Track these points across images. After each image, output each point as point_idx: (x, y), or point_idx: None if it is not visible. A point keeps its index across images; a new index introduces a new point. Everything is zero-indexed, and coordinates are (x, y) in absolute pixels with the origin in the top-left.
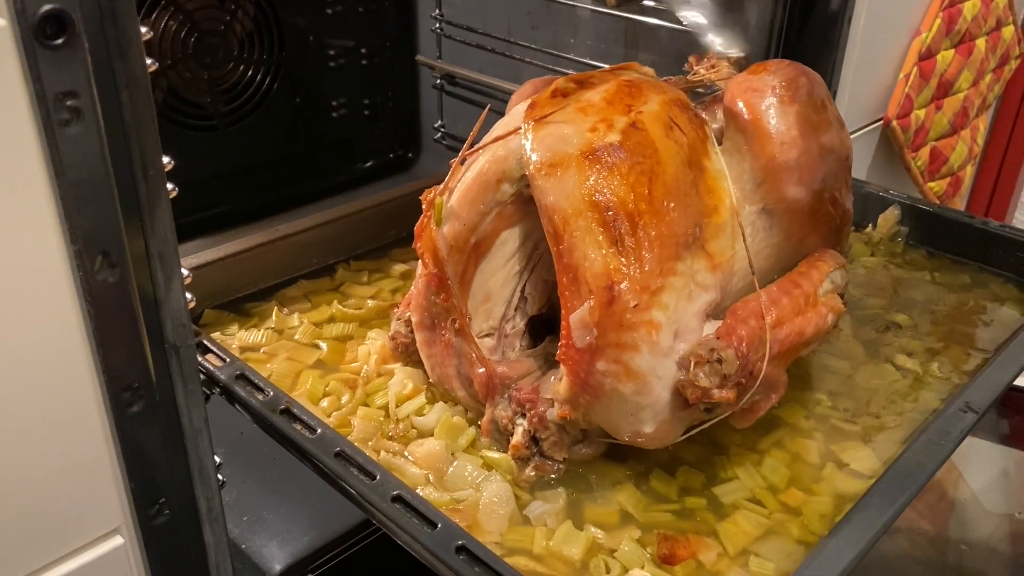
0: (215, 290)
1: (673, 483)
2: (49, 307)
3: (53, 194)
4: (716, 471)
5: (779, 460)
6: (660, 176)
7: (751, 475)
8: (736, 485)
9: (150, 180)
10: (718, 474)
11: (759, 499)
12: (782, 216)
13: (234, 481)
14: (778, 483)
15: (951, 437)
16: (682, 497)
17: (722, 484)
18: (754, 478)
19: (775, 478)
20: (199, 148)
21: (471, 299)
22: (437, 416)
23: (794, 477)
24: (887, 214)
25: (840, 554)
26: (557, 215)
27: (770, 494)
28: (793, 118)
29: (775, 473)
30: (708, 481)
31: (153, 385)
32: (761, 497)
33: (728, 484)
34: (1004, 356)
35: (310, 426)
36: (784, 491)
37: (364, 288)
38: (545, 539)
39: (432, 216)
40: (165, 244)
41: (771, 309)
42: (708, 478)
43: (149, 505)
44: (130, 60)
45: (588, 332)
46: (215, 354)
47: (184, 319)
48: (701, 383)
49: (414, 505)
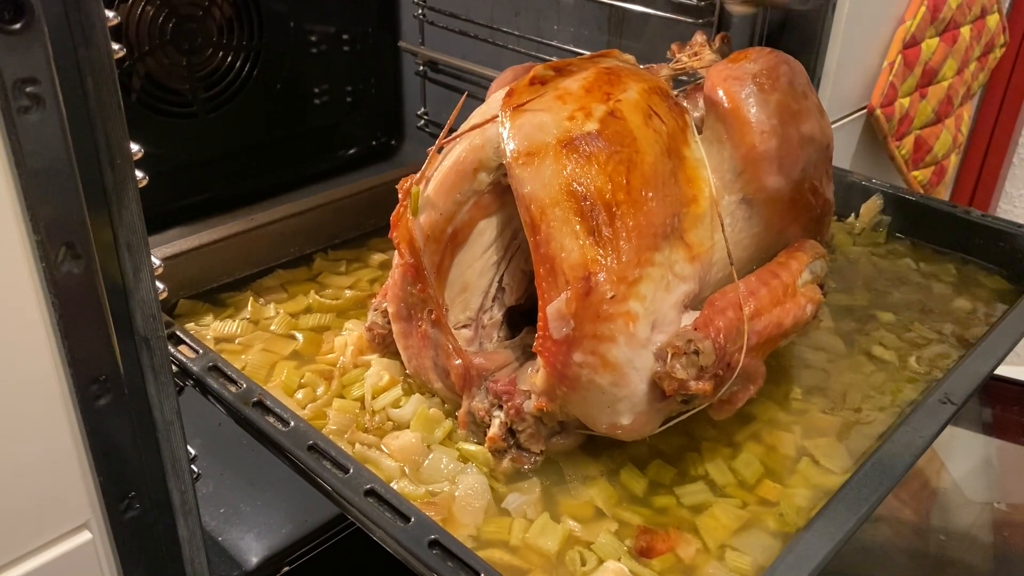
0: (190, 280)
1: (643, 479)
2: (11, 299)
3: (14, 183)
4: (687, 467)
5: (754, 453)
6: (639, 166)
7: (722, 471)
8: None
9: (117, 168)
10: (688, 470)
11: (729, 495)
12: (762, 206)
13: (211, 473)
14: (749, 478)
15: (929, 429)
16: (650, 495)
17: (690, 482)
18: (725, 474)
19: (747, 473)
20: (178, 135)
21: (448, 289)
22: (413, 408)
23: (769, 470)
24: (870, 204)
25: (817, 546)
26: (534, 205)
27: (742, 490)
28: (773, 107)
29: (748, 468)
30: (678, 478)
31: (121, 377)
32: (732, 493)
33: (695, 484)
34: (983, 347)
35: (283, 418)
36: (756, 486)
37: (342, 278)
38: (521, 531)
39: (408, 205)
40: (133, 233)
41: (749, 300)
42: (679, 474)
43: (119, 499)
44: (94, 46)
45: (565, 323)
46: (188, 345)
47: (154, 310)
48: (678, 375)
49: (387, 499)
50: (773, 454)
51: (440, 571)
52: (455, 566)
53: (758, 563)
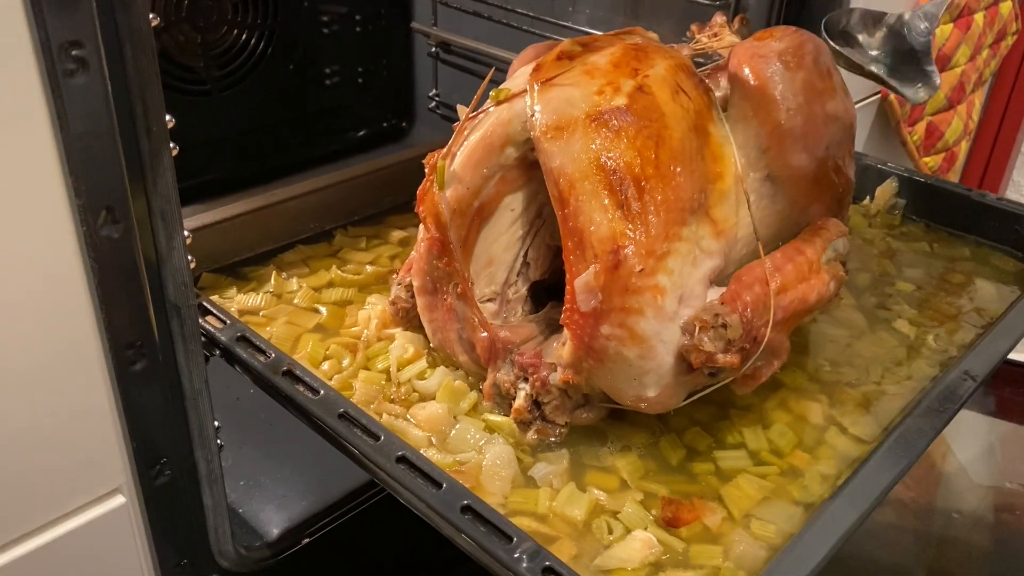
0: (213, 254)
1: (680, 447)
2: (53, 263)
3: (58, 147)
4: (723, 435)
5: (784, 423)
6: (667, 141)
7: (757, 437)
8: (738, 452)
9: (153, 137)
10: (724, 438)
11: (764, 461)
12: (786, 183)
13: (230, 446)
14: (783, 447)
15: (951, 404)
16: (688, 462)
17: (728, 449)
18: (760, 440)
19: (781, 442)
20: (191, 113)
21: (473, 263)
22: (439, 380)
23: (798, 439)
24: (885, 186)
25: (842, 516)
26: (563, 179)
27: (775, 456)
28: (799, 85)
29: (782, 437)
30: (715, 444)
31: (156, 344)
32: (766, 459)
33: (733, 450)
34: (1002, 326)
35: (313, 387)
36: (789, 454)
37: (362, 254)
38: (548, 500)
39: (434, 179)
40: (168, 203)
41: (775, 275)
42: (715, 441)
43: (150, 466)
44: (133, 13)
45: (593, 296)
46: (215, 316)
47: (186, 278)
48: (706, 348)
49: (419, 466)
50: (801, 423)
51: (473, 535)
52: (487, 531)
53: (783, 531)
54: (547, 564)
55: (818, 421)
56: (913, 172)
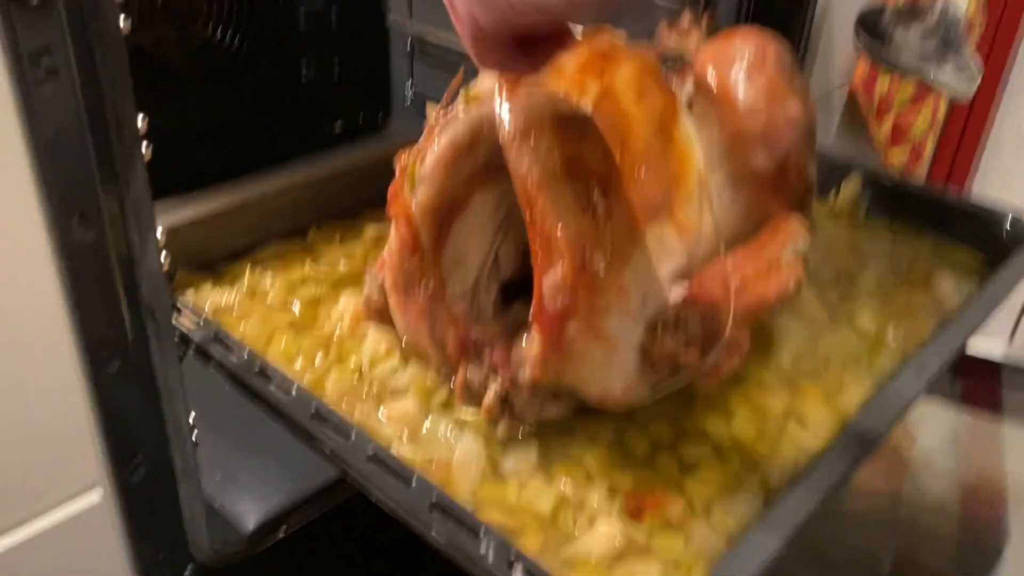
0: (188, 251)
1: (645, 440)
2: (26, 267)
3: (28, 154)
4: (687, 427)
5: (745, 416)
6: (631, 143)
7: (720, 430)
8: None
9: (125, 140)
10: (688, 431)
11: (727, 453)
12: (748, 185)
13: (207, 441)
14: (745, 439)
15: (905, 399)
16: (653, 453)
17: (692, 441)
18: (722, 433)
19: (743, 434)
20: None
21: (444, 263)
22: (411, 377)
23: (759, 432)
24: (849, 183)
25: (798, 507)
26: (529, 181)
27: (737, 448)
28: (761, 87)
29: (743, 429)
30: (680, 436)
31: (129, 345)
32: (728, 452)
33: (696, 441)
34: (957, 322)
35: (285, 387)
36: (750, 446)
37: (336, 250)
38: (516, 494)
39: (406, 180)
40: (140, 204)
41: (735, 274)
42: (680, 433)
43: (125, 462)
44: (103, 19)
45: (560, 295)
46: (189, 315)
47: (159, 280)
48: (667, 346)
49: (388, 464)
50: (761, 415)
51: (441, 531)
52: (454, 526)
53: (743, 522)
54: (513, 557)
55: (778, 414)
56: (877, 169)
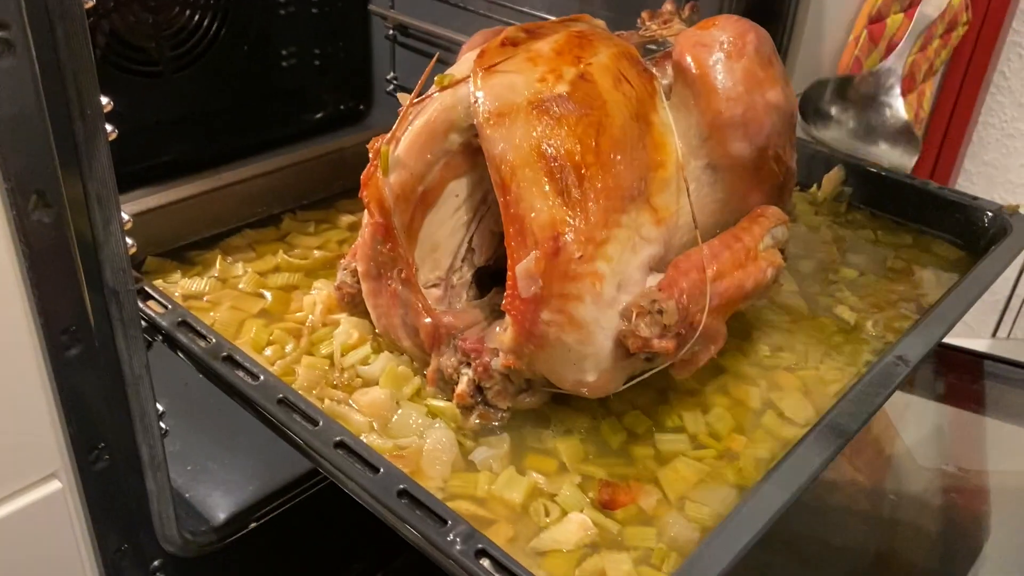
0: (157, 237)
1: (620, 431)
2: None
3: None
4: (663, 419)
5: (723, 407)
6: (607, 129)
7: (696, 421)
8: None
9: (87, 120)
10: (664, 422)
11: (703, 444)
12: (726, 172)
13: (178, 431)
14: (721, 430)
15: (884, 388)
16: (628, 445)
17: (667, 432)
18: (698, 424)
19: (719, 425)
20: (143, 94)
21: (418, 249)
22: (382, 365)
23: (736, 423)
24: (831, 174)
25: (772, 499)
26: (504, 165)
27: (713, 440)
28: (740, 74)
29: (720, 420)
30: (655, 428)
31: (91, 329)
32: (704, 443)
33: (672, 433)
34: (937, 313)
35: (253, 373)
36: (726, 437)
37: (310, 238)
38: (488, 484)
39: (379, 165)
40: (103, 186)
41: (712, 262)
42: (655, 424)
43: (88, 451)
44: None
45: (533, 282)
46: (157, 300)
47: (124, 263)
48: (642, 333)
49: (356, 451)
50: (739, 407)
51: (409, 519)
52: (423, 514)
53: (716, 513)
54: (480, 546)
55: (756, 405)
56: (860, 160)
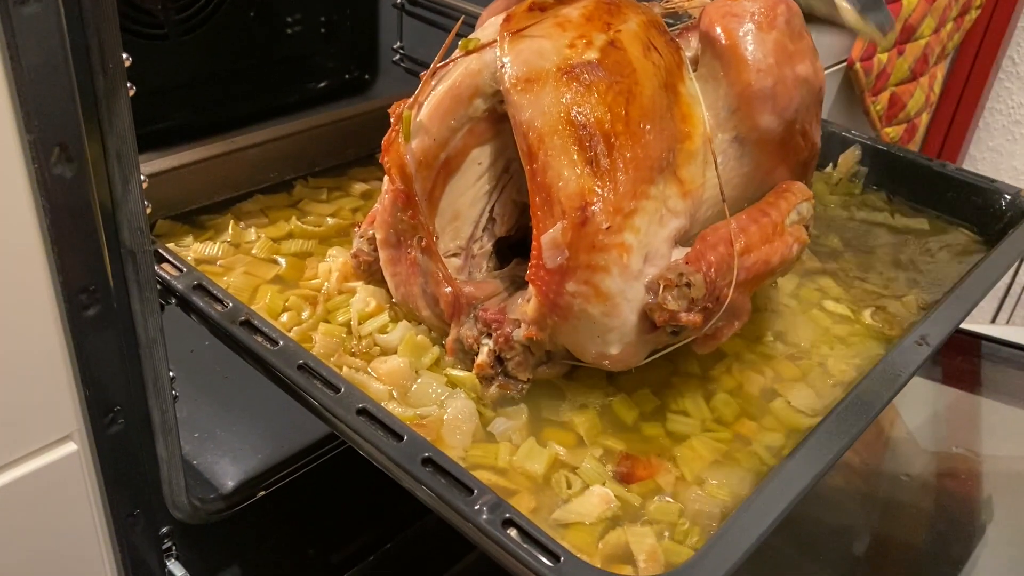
0: (170, 200)
1: (634, 408)
2: (4, 200)
3: (8, 79)
4: (669, 400)
5: (728, 391)
6: (637, 97)
7: (700, 407)
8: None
9: (109, 74)
10: (669, 405)
11: (711, 429)
12: (753, 145)
13: (186, 399)
14: (727, 415)
15: (906, 368)
16: (641, 422)
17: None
18: (703, 410)
19: (725, 410)
20: (148, 57)
21: (439, 217)
22: (401, 334)
23: (743, 409)
24: (848, 154)
25: (798, 475)
26: (532, 132)
27: (721, 425)
28: (771, 46)
29: (726, 406)
30: (661, 409)
31: (110, 289)
32: (712, 428)
33: (679, 416)
34: (958, 294)
35: (272, 338)
36: (734, 423)
37: (323, 206)
38: (508, 454)
39: (400, 130)
40: (124, 144)
41: (740, 236)
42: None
43: (103, 413)
44: None
45: (559, 253)
46: (171, 263)
47: (141, 223)
48: (670, 306)
49: (379, 418)
50: (744, 393)
51: (434, 487)
52: (448, 483)
53: (736, 493)
54: (507, 516)
55: (762, 392)
56: (876, 141)
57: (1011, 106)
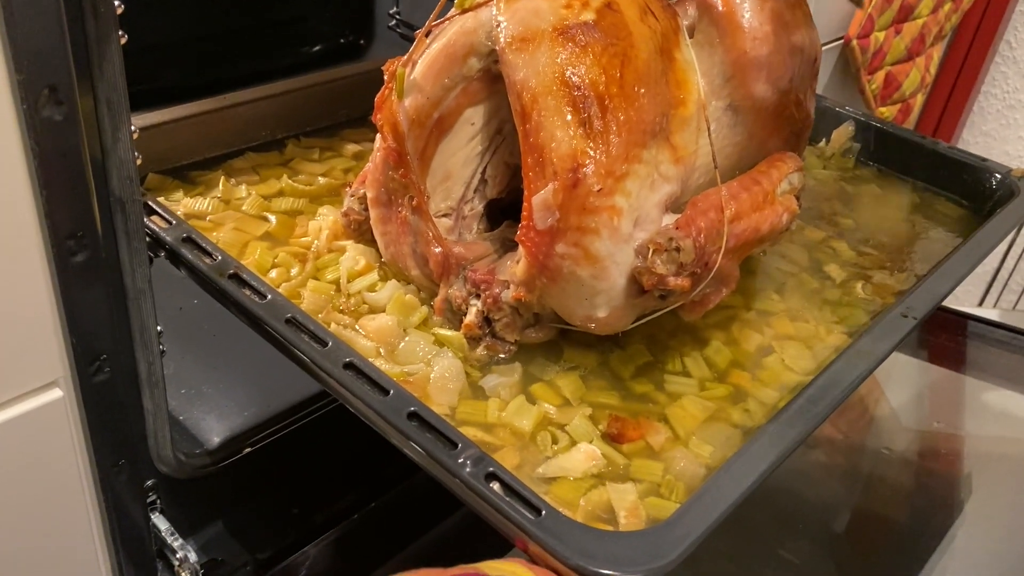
0: (160, 154)
1: (629, 365)
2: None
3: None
4: (666, 359)
5: (722, 342)
6: (632, 61)
7: (697, 364)
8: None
9: (100, 18)
10: (666, 363)
11: (708, 388)
12: (747, 114)
13: (173, 355)
14: (721, 364)
15: (890, 340)
16: (635, 381)
17: (672, 374)
18: (700, 367)
19: (718, 359)
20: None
21: (430, 177)
22: (389, 293)
23: (736, 360)
24: (841, 129)
25: (777, 440)
26: (526, 92)
27: (718, 383)
28: (767, 14)
29: (718, 354)
30: (661, 368)
31: (98, 237)
32: (709, 386)
33: (677, 375)
34: (944, 269)
35: (260, 292)
36: (729, 373)
37: (315, 165)
38: (497, 411)
39: (393, 87)
40: (114, 91)
41: (730, 203)
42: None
43: (89, 362)
44: None
45: (550, 214)
46: (161, 216)
47: (131, 172)
48: (658, 270)
49: (366, 372)
50: (740, 351)
51: (419, 441)
52: (433, 437)
53: (719, 453)
54: (490, 470)
55: (758, 350)
56: (870, 117)
57: (1006, 91)
